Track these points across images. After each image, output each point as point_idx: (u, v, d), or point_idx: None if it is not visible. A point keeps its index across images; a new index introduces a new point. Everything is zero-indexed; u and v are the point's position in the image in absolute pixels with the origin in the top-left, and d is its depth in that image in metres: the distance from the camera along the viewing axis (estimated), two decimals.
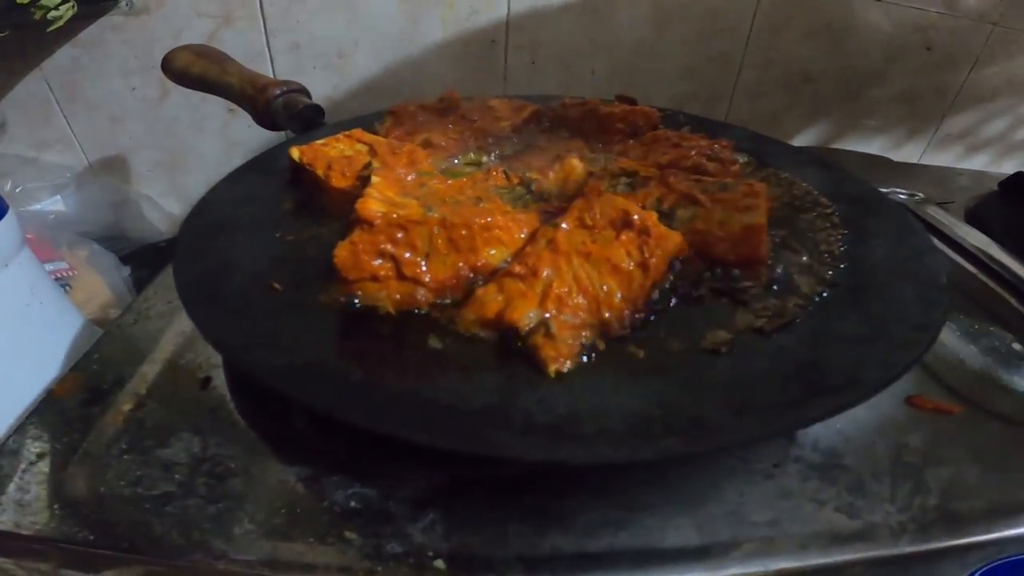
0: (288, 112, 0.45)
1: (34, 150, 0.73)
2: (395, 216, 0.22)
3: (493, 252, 0.24)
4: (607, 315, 0.22)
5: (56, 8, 0.58)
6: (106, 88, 0.70)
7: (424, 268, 0.23)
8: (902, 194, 0.51)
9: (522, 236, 0.24)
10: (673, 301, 0.24)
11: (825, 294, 0.26)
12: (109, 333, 0.33)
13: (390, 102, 0.73)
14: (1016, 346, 0.35)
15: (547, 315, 0.22)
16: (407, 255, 0.23)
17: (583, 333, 0.22)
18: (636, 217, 0.23)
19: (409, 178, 0.26)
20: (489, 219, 0.23)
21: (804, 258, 0.28)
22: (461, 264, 0.23)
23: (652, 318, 0.24)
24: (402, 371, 0.22)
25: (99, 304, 0.61)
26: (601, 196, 0.25)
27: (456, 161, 0.34)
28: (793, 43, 0.68)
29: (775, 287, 0.26)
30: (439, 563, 0.20)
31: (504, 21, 0.66)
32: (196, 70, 0.52)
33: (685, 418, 0.19)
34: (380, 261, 0.23)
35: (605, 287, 0.23)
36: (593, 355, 0.22)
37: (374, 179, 0.24)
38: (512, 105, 0.43)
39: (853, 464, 0.25)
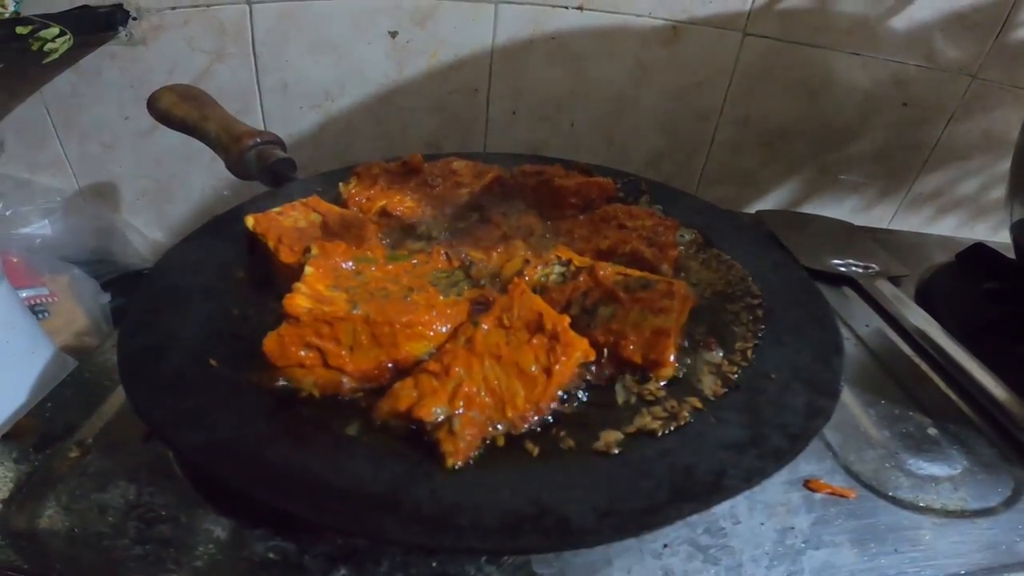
0: (260, 164, 0.48)
1: (28, 172, 0.76)
2: (321, 312, 0.25)
3: (415, 346, 0.26)
4: (510, 414, 0.25)
5: (52, 41, 0.61)
6: (101, 116, 0.73)
7: (348, 360, 0.25)
8: (856, 267, 0.53)
9: (444, 330, 0.27)
10: (578, 401, 0.27)
11: (724, 395, 0.28)
12: (64, 383, 0.35)
13: (374, 145, 0.77)
14: (931, 431, 0.37)
15: (454, 412, 0.24)
16: (331, 347, 0.25)
17: (487, 429, 0.25)
18: (549, 323, 0.26)
19: (347, 265, 0.28)
20: (411, 317, 0.25)
21: (717, 355, 0.30)
22: (383, 357, 0.26)
23: (551, 420, 0.26)
24: (313, 453, 0.25)
25: (75, 331, 0.63)
26: (522, 296, 0.27)
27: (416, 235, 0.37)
28: (770, 99, 0.71)
29: (679, 388, 0.28)
30: None
31: (487, 71, 0.69)
32: (178, 112, 0.55)
33: (553, 518, 0.22)
34: (306, 352, 0.25)
35: (511, 388, 0.25)
36: (492, 449, 0.24)
37: (307, 269, 0.27)
38: (475, 169, 0.45)
39: (737, 545, 0.27)
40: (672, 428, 0.26)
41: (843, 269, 0.52)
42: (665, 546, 0.26)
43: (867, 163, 0.75)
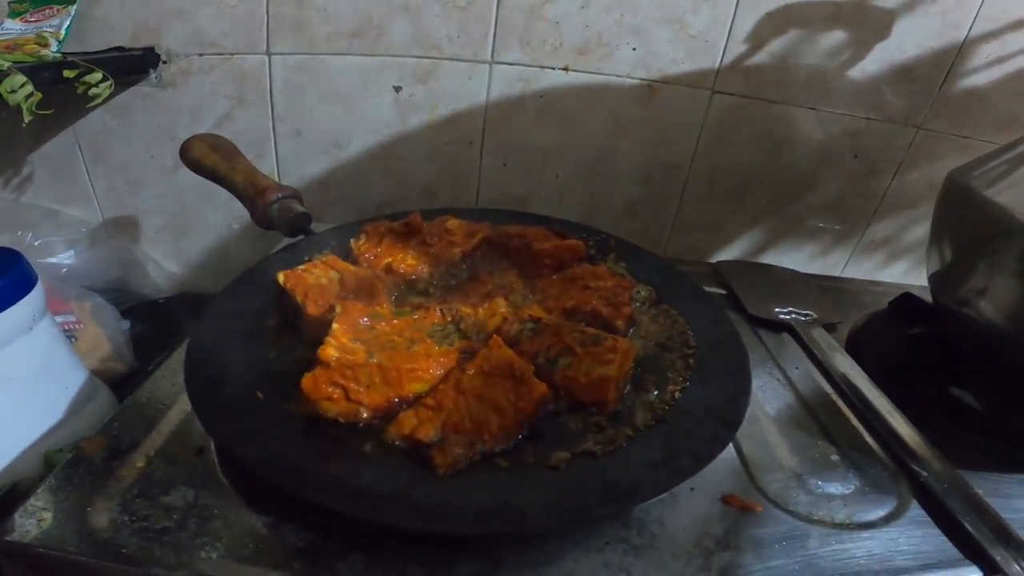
0: (281, 217, 0.58)
1: (57, 203, 0.86)
2: (346, 360, 0.35)
3: (416, 385, 0.36)
4: (487, 437, 0.35)
5: (96, 85, 0.70)
6: (129, 153, 0.83)
7: (365, 395, 0.35)
8: (796, 314, 0.64)
9: (438, 374, 0.37)
10: (539, 429, 0.37)
11: (652, 426, 0.38)
12: (127, 405, 0.44)
13: (378, 190, 0.87)
14: (834, 457, 0.46)
15: (445, 435, 0.34)
16: (353, 386, 0.35)
17: (469, 448, 0.34)
18: (517, 370, 0.36)
19: (363, 320, 0.38)
20: (414, 364, 0.36)
21: (652, 395, 0.40)
22: (392, 394, 0.36)
23: (517, 441, 0.36)
24: (338, 465, 0.35)
25: (99, 356, 0.72)
26: (499, 349, 0.37)
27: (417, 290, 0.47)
28: (735, 152, 0.81)
29: (617, 420, 0.38)
30: None
31: (481, 125, 0.80)
32: (208, 163, 0.64)
33: (514, 512, 0.32)
34: (333, 389, 0.35)
35: (488, 419, 0.35)
36: (472, 463, 0.34)
37: (335, 326, 0.37)
38: (466, 228, 0.56)
39: (662, 545, 0.36)
40: (608, 450, 0.36)
41: (784, 316, 0.63)
42: (606, 543, 0.36)
43: (822, 212, 0.85)
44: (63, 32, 0.72)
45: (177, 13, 0.75)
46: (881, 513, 0.42)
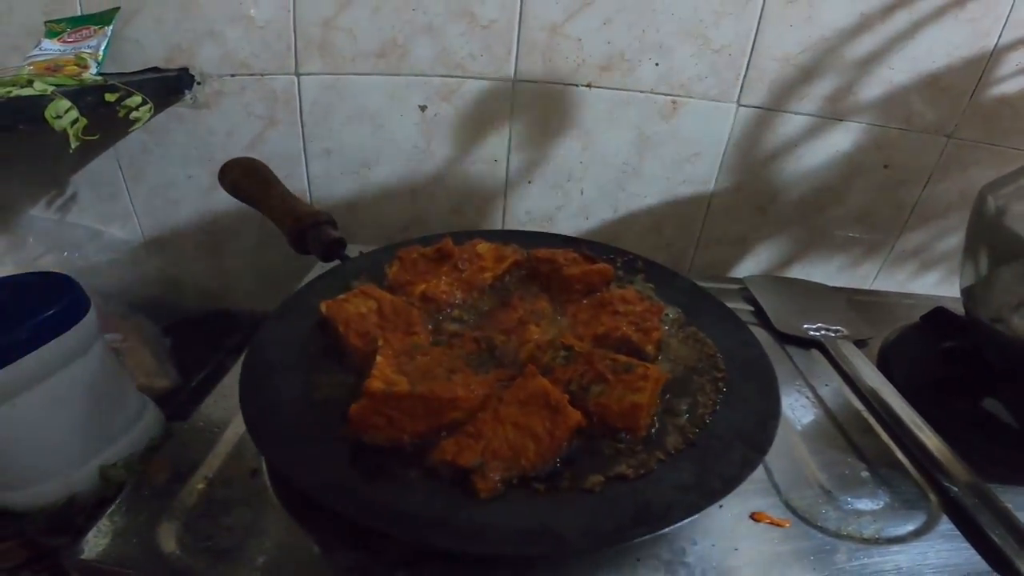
0: (316, 243, 0.61)
1: (100, 222, 0.91)
2: (391, 392, 0.38)
3: (455, 414, 0.39)
4: (524, 463, 0.38)
5: (137, 109, 0.74)
6: (167, 173, 0.88)
7: (408, 424, 0.39)
8: (826, 330, 0.65)
9: (478, 402, 0.40)
10: (573, 454, 0.39)
11: (683, 450, 0.40)
12: (183, 430, 0.48)
13: (406, 209, 0.91)
14: (864, 474, 0.48)
15: (485, 461, 0.37)
16: (397, 415, 0.38)
17: (508, 473, 0.37)
18: (552, 399, 0.39)
19: (404, 352, 0.42)
20: (453, 394, 0.39)
21: (682, 420, 0.43)
22: (433, 422, 0.39)
23: (555, 466, 0.39)
24: (386, 489, 0.38)
25: (145, 373, 0.77)
26: (533, 379, 0.40)
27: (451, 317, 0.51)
28: (760, 165, 0.83)
29: (649, 443, 0.40)
30: None
31: (507, 144, 0.83)
32: (245, 187, 0.68)
33: (552, 535, 0.35)
34: (379, 418, 0.38)
35: (525, 446, 0.38)
36: (511, 487, 0.37)
37: (379, 358, 0.40)
38: (496, 252, 0.59)
39: (692, 562, 0.39)
40: (641, 473, 0.39)
41: (813, 333, 0.64)
42: (638, 559, 0.39)
43: (852, 223, 0.87)
44: (101, 53, 0.76)
45: (208, 34, 0.79)
46: (910, 528, 0.44)
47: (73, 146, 0.66)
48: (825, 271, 0.91)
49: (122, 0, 0.77)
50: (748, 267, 0.91)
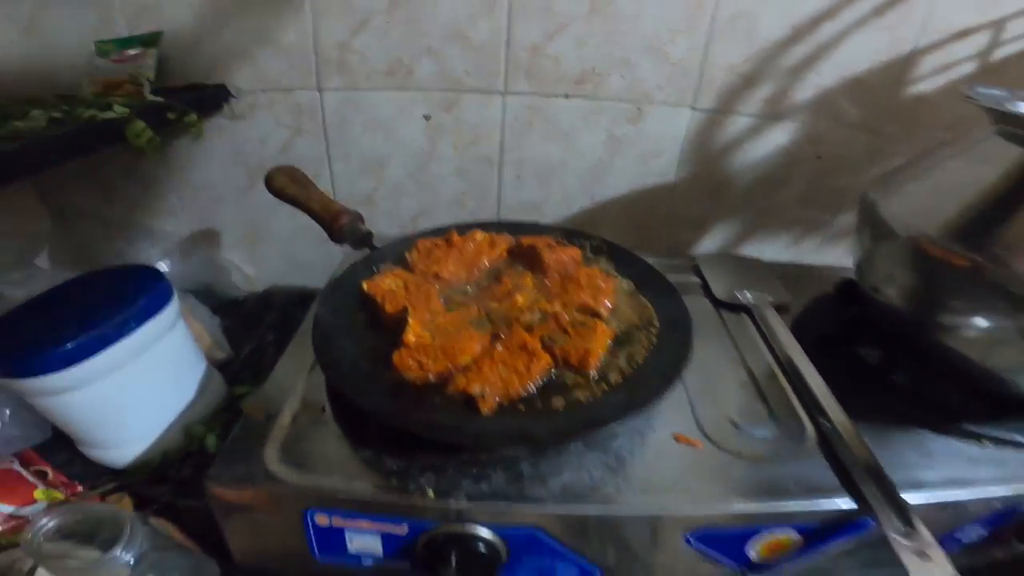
0: (351, 235, 0.80)
1: (151, 219, 1.09)
2: (419, 343, 0.57)
3: (464, 358, 0.58)
4: (510, 390, 0.57)
5: (195, 125, 0.91)
6: (208, 176, 1.05)
7: (431, 365, 0.58)
8: (756, 297, 0.83)
9: (479, 349, 0.59)
10: (545, 384, 0.59)
11: (621, 382, 0.59)
12: (268, 382, 0.66)
13: (415, 203, 1.08)
14: (764, 412, 0.64)
15: (484, 389, 0.56)
16: (424, 359, 0.57)
17: (499, 397, 0.56)
18: (530, 345, 0.58)
19: (427, 316, 0.61)
20: (462, 344, 0.58)
21: (622, 362, 0.62)
22: (449, 364, 0.58)
23: (531, 393, 0.58)
24: (420, 410, 0.57)
25: (205, 346, 0.94)
26: (517, 332, 0.59)
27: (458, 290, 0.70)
28: (712, 159, 0.99)
29: (599, 379, 0.59)
30: (430, 492, 0.54)
31: (499, 146, 1.00)
32: (289, 192, 0.86)
33: (528, 435, 0.54)
34: (412, 361, 0.57)
35: (511, 379, 0.57)
36: (501, 407, 0.56)
37: (411, 320, 0.59)
38: (490, 241, 0.77)
39: (626, 458, 0.57)
40: (591, 398, 0.58)
41: (741, 299, 0.83)
42: (593, 467, 0.57)
43: (793, 206, 1.04)
44: (152, 73, 0.91)
45: (242, 54, 0.95)
46: (791, 452, 0.56)
47: (150, 159, 0.83)
48: (774, 247, 1.08)
49: (164, 24, 0.93)
50: (707, 245, 1.08)
